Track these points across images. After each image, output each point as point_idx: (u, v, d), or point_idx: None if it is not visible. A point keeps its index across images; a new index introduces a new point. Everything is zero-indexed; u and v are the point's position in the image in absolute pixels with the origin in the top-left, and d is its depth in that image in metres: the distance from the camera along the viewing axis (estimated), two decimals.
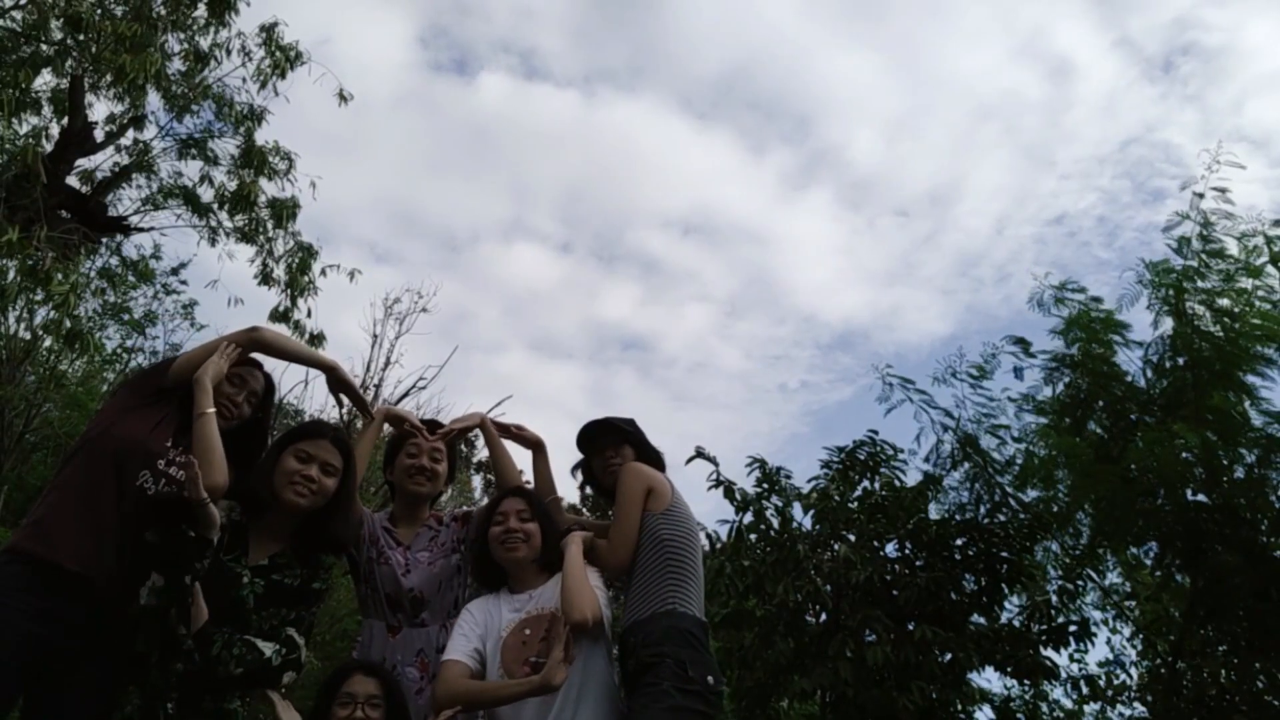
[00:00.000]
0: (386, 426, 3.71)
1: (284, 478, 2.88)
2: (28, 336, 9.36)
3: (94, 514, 2.60)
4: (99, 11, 7.48)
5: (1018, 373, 7.64)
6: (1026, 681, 7.26)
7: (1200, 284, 6.75)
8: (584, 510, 10.67)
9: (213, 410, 2.80)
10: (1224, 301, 6.67)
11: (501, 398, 10.46)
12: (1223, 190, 6.78)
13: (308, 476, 2.88)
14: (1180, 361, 6.71)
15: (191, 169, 9.34)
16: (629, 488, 3.25)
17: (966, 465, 7.64)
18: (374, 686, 2.96)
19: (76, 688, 2.52)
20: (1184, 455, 6.15)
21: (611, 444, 3.47)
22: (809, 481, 7.42)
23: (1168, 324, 6.84)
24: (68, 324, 6.62)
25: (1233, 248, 6.77)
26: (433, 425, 3.61)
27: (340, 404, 3.45)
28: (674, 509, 3.24)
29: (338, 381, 3.33)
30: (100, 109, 9.45)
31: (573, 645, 2.82)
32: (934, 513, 7.52)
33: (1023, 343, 7.66)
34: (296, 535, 2.96)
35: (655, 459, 3.48)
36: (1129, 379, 7.07)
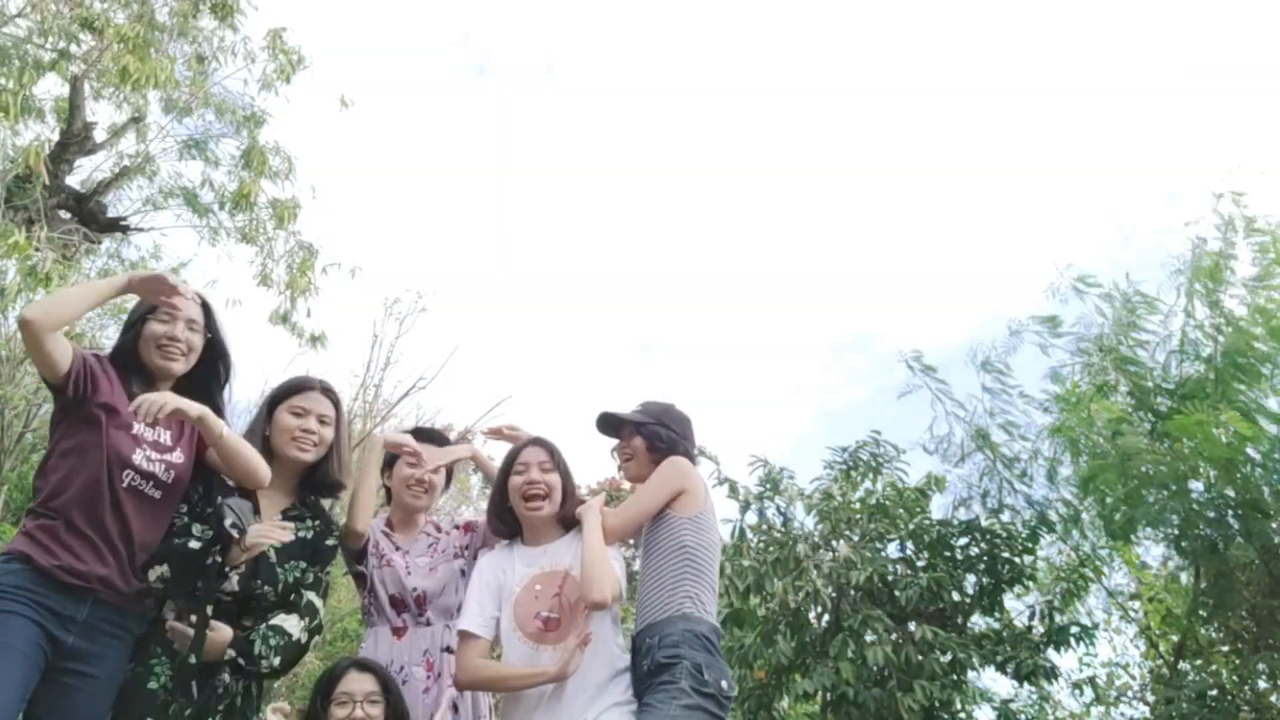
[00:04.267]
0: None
1: (284, 435, 2.95)
2: None
3: (89, 524, 2.56)
4: (103, 17, 7.49)
5: (1044, 350, 7.58)
6: (1029, 684, 7.24)
7: (1227, 279, 6.77)
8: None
9: (206, 412, 2.67)
10: (1253, 299, 6.68)
11: (500, 399, 10.42)
12: (1240, 194, 6.87)
13: (308, 430, 2.96)
14: (1205, 352, 6.70)
15: (192, 170, 9.35)
16: (663, 481, 3.21)
17: (978, 457, 7.61)
18: (371, 683, 2.94)
19: (79, 687, 2.49)
20: (1201, 449, 6.13)
21: (622, 435, 3.43)
22: (812, 482, 7.43)
23: (1189, 318, 6.86)
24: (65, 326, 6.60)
25: (1252, 249, 6.81)
26: (431, 434, 3.65)
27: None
28: (703, 516, 3.22)
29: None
30: (102, 111, 9.45)
31: (586, 629, 2.88)
32: (939, 506, 7.53)
33: (1051, 321, 7.56)
34: (300, 487, 3.04)
35: (670, 450, 3.35)
36: (1151, 368, 7.04)
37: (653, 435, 3.33)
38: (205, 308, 2.88)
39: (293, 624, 2.85)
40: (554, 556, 3.08)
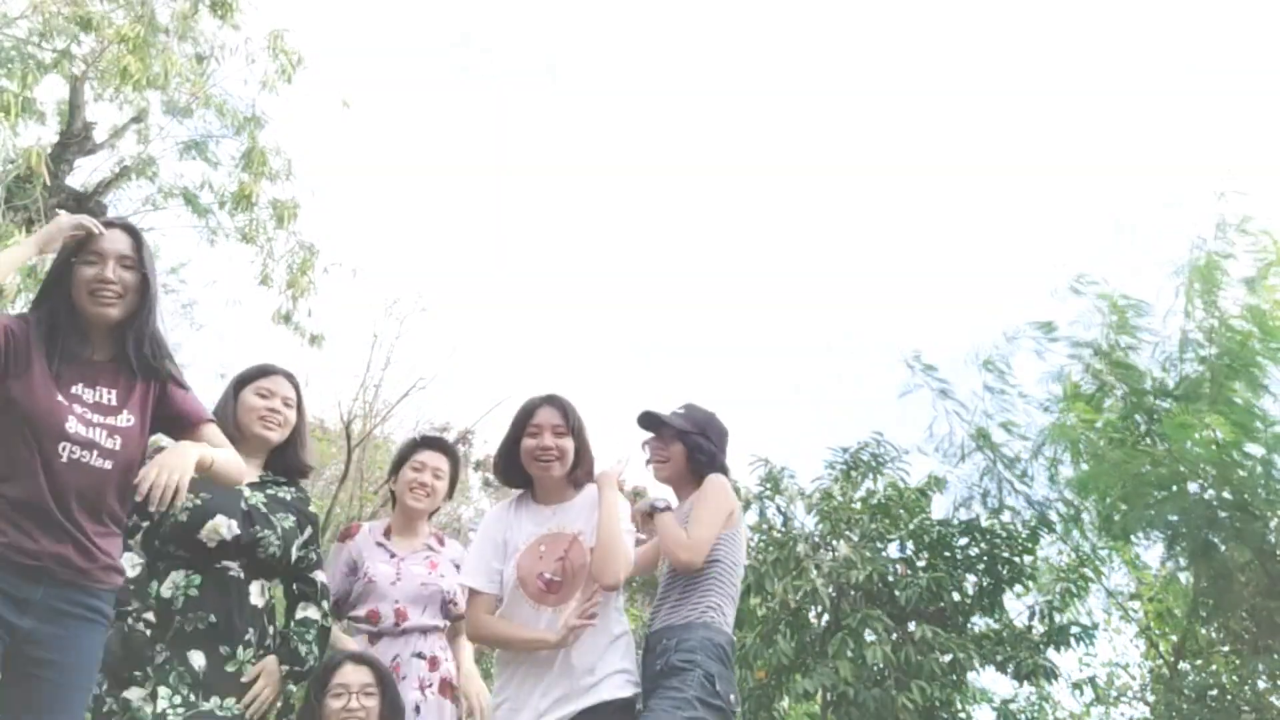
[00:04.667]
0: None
1: (251, 414, 3.01)
2: None
3: (35, 507, 2.35)
4: (105, 19, 7.51)
5: (1039, 355, 7.63)
6: (1029, 684, 7.26)
7: (1226, 279, 6.81)
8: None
9: (203, 453, 2.46)
10: (1248, 300, 6.72)
11: (500, 400, 10.41)
12: (1239, 195, 6.95)
13: (274, 409, 3.03)
14: (1204, 354, 6.74)
15: (192, 170, 9.35)
16: (723, 501, 3.20)
17: (978, 456, 7.64)
18: (367, 675, 2.96)
19: (46, 677, 2.31)
20: (1195, 450, 6.15)
21: (660, 436, 3.38)
22: (812, 481, 7.45)
23: (1188, 318, 6.90)
24: None
25: (1250, 249, 6.86)
26: (437, 442, 3.73)
27: None
28: (736, 534, 3.24)
29: None
30: (103, 111, 9.47)
31: (593, 605, 2.88)
32: (940, 506, 7.55)
33: (1046, 326, 7.61)
34: (265, 467, 3.09)
35: (709, 464, 3.33)
36: (1147, 370, 7.08)
37: (695, 446, 3.30)
38: (136, 239, 2.52)
39: (315, 612, 3.00)
40: (563, 519, 3.06)
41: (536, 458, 3.06)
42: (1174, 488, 6.46)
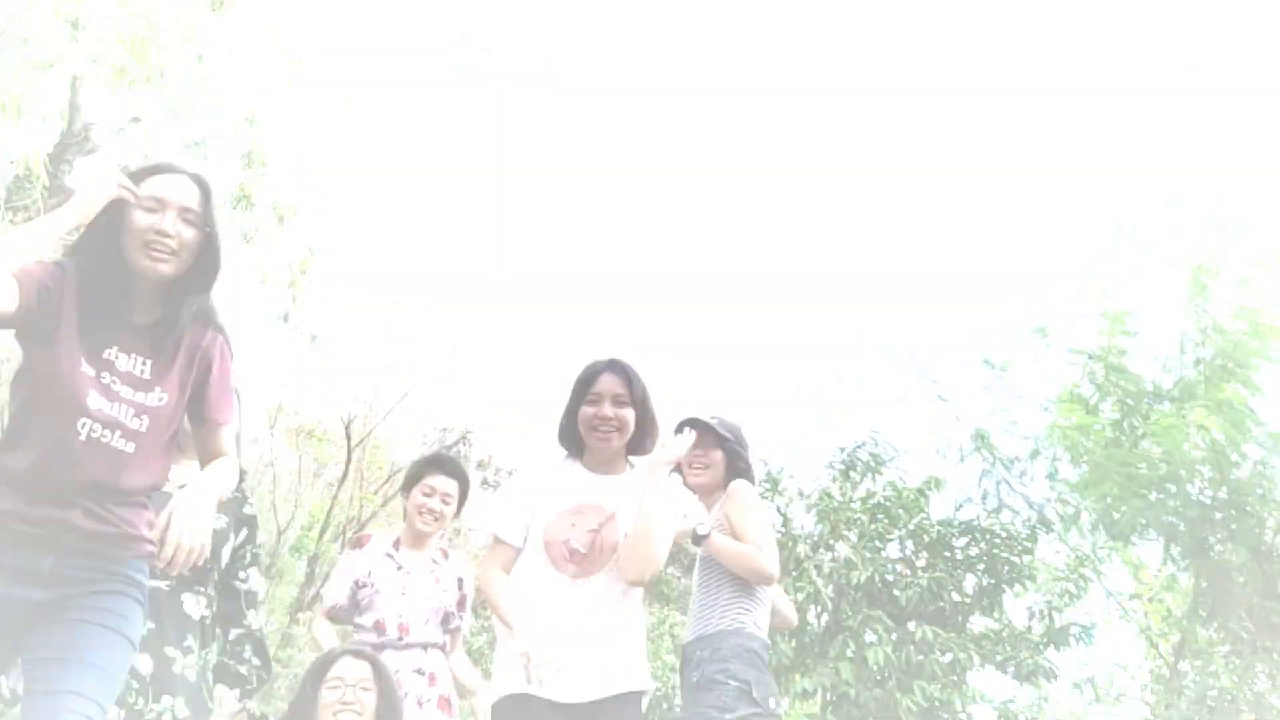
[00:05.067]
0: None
1: None
2: None
3: (45, 481, 2.12)
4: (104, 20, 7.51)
5: (1036, 359, 7.67)
6: (1029, 684, 7.27)
7: (1223, 279, 6.83)
8: None
9: (219, 486, 2.24)
10: (1246, 300, 6.73)
11: (497, 401, 10.43)
12: (1237, 195, 6.98)
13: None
14: (1199, 355, 6.75)
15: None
16: (760, 507, 3.29)
17: (977, 457, 7.65)
18: (365, 670, 2.94)
19: (63, 618, 2.08)
20: (1191, 452, 6.17)
21: (702, 445, 3.33)
22: (812, 481, 7.45)
23: (1185, 320, 6.91)
24: None
25: (1248, 251, 6.89)
26: (447, 464, 3.81)
27: None
28: None
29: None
30: (102, 111, 9.47)
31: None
32: (939, 506, 7.55)
33: (1041, 331, 7.66)
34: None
35: (746, 472, 3.38)
36: (1141, 374, 7.10)
37: (735, 455, 3.35)
38: (204, 191, 2.24)
39: (244, 625, 2.92)
40: (606, 491, 2.94)
41: (595, 428, 2.92)
42: (1171, 488, 6.46)
